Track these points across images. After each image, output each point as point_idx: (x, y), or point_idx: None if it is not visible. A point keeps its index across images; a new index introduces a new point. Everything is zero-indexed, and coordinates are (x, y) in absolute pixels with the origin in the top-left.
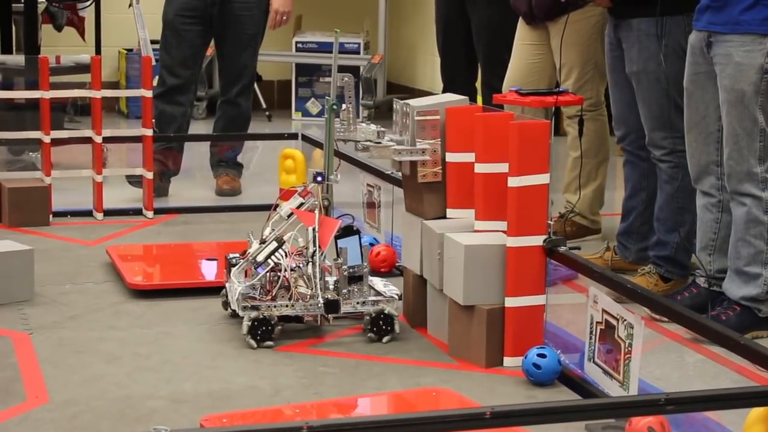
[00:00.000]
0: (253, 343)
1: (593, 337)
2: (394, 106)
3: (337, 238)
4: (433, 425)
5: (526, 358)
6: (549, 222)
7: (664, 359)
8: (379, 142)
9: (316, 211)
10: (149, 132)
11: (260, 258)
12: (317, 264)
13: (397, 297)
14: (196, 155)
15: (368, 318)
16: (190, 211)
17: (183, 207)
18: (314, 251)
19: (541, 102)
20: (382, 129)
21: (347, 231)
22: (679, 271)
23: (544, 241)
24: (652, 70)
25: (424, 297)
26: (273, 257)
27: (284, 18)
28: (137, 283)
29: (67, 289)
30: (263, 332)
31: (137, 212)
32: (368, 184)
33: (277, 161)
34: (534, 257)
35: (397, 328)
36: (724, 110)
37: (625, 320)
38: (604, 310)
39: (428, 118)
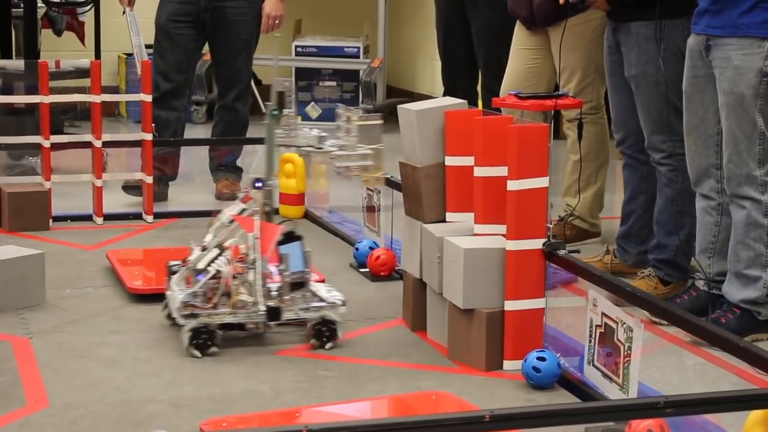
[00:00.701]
0: (196, 353)
1: (593, 340)
2: (338, 111)
3: (279, 243)
4: (433, 428)
5: (525, 361)
6: (548, 225)
7: (664, 362)
8: (320, 148)
9: (257, 218)
10: (149, 136)
11: (201, 265)
12: (258, 271)
13: (340, 303)
14: (196, 160)
15: (311, 325)
16: (190, 215)
17: (183, 211)
18: (255, 258)
19: (540, 105)
20: (324, 134)
21: (289, 237)
22: (678, 274)
23: (544, 244)
24: (651, 73)
25: (424, 301)
26: (214, 264)
27: (276, 22)
28: (137, 287)
29: (67, 293)
30: (204, 340)
31: (137, 216)
32: (368, 188)
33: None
34: (533, 260)
35: (340, 334)
36: (723, 113)
37: (624, 323)
38: (603, 314)
39: (370, 123)
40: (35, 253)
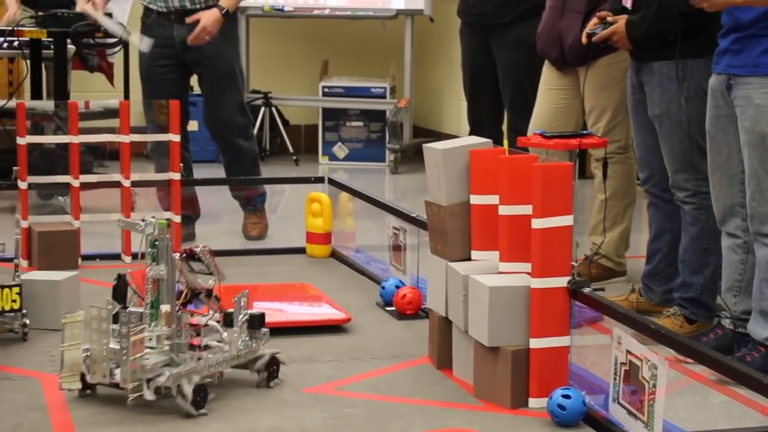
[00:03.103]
0: (202, 411)
1: (618, 378)
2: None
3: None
4: None
5: (551, 399)
6: (573, 263)
7: (689, 400)
8: None
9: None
10: (177, 176)
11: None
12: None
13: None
14: (224, 200)
15: (258, 365)
16: (217, 254)
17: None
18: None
19: (565, 145)
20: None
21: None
22: (704, 312)
23: (569, 282)
24: (674, 112)
25: (450, 339)
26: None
27: (206, 38)
28: None
29: None
30: (202, 397)
31: None
32: (394, 227)
33: (303, 205)
34: (558, 298)
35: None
36: (745, 152)
37: (649, 361)
38: (628, 351)
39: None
40: (71, 275)
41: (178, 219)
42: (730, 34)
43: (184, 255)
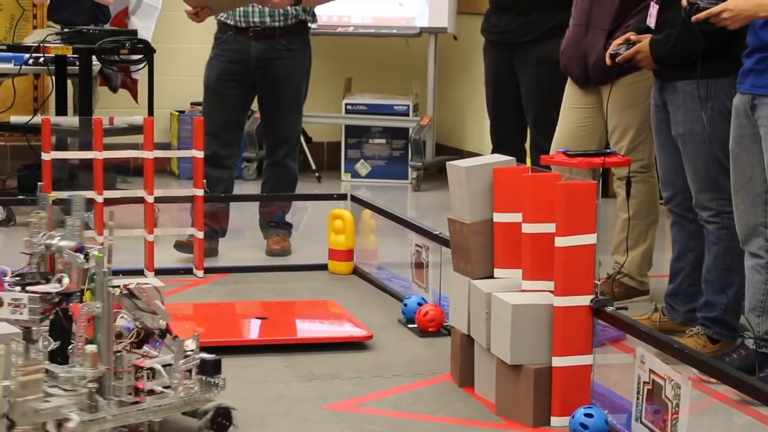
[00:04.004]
0: None
1: (640, 397)
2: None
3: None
4: None
5: (573, 417)
6: (596, 282)
7: (713, 421)
8: None
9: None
10: (200, 192)
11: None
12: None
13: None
14: (246, 216)
15: (208, 415)
16: (240, 270)
17: (233, 267)
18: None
19: (589, 163)
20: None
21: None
22: (727, 332)
23: (592, 301)
24: (697, 132)
25: (472, 356)
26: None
27: (200, 15)
28: None
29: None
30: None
31: (188, 272)
32: (417, 245)
33: (326, 222)
34: (581, 317)
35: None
36: None
37: (672, 380)
38: (651, 371)
39: None
40: (156, 284)
41: (200, 235)
42: (755, 54)
43: (126, 292)
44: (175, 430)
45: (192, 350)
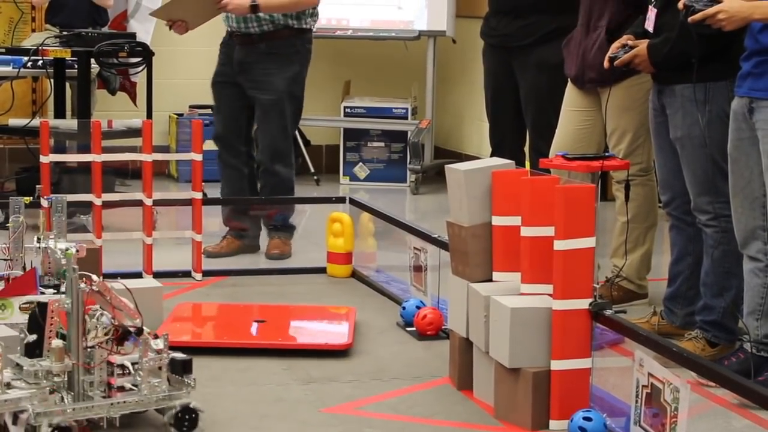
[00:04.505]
0: None
1: (639, 400)
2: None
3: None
4: None
5: (571, 421)
6: (595, 285)
7: (711, 424)
8: None
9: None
10: (199, 195)
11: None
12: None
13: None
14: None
15: (171, 413)
16: (239, 273)
17: (230, 270)
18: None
19: (587, 167)
20: None
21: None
22: (726, 335)
23: (590, 304)
24: (696, 135)
25: (470, 360)
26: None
27: (228, 7)
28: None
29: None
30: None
31: (186, 274)
32: (415, 248)
33: (324, 225)
34: (580, 320)
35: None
36: (767, 176)
37: (671, 384)
38: (650, 374)
39: None
40: (156, 286)
41: (198, 238)
42: (753, 57)
43: (97, 290)
44: (143, 426)
45: (160, 349)
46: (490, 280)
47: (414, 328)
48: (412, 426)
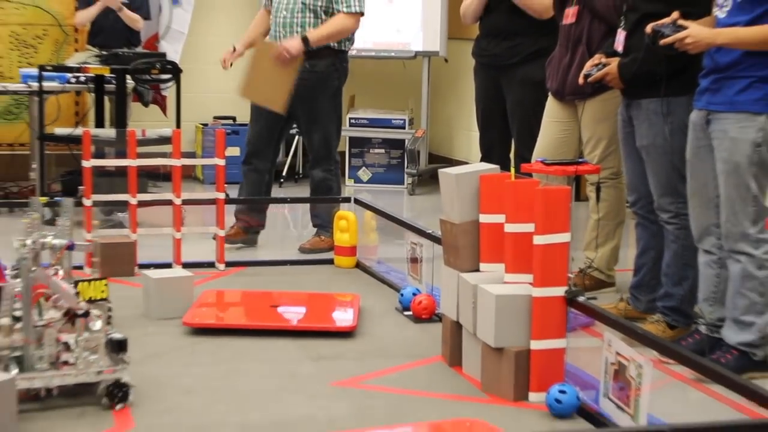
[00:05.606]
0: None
1: (607, 376)
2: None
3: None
4: None
5: (548, 393)
6: (569, 275)
7: (670, 396)
8: None
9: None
10: (222, 195)
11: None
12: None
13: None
14: (270, 216)
15: (103, 387)
16: (257, 264)
17: (251, 261)
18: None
19: (564, 171)
20: None
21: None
22: (683, 319)
23: (565, 291)
24: (659, 144)
25: (460, 340)
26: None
27: (286, 56)
28: (190, 321)
29: (150, 330)
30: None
31: (210, 265)
32: (412, 242)
33: (332, 221)
34: (556, 306)
35: (130, 396)
36: (721, 179)
37: (635, 362)
38: (617, 353)
39: None
40: (187, 275)
41: (221, 233)
42: (710, 75)
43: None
44: (84, 396)
45: (98, 329)
46: (478, 271)
47: (411, 313)
48: (408, 398)
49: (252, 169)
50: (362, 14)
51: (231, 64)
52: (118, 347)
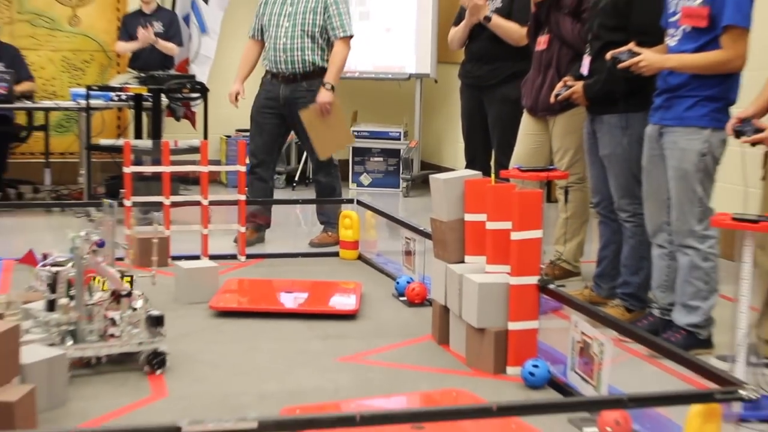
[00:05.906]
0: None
1: (574, 352)
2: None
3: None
4: (453, 415)
5: (523, 367)
6: (541, 266)
7: (628, 370)
8: None
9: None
10: (243, 197)
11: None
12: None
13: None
14: (283, 215)
15: (144, 356)
16: (273, 256)
17: (268, 253)
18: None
19: (537, 176)
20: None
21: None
22: (639, 304)
23: (538, 280)
24: (619, 153)
25: (448, 321)
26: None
27: (328, 107)
28: (215, 305)
29: (180, 313)
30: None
31: (233, 257)
32: (406, 237)
33: (338, 219)
34: (530, 292)
35: (167, 362)
36: (672, 184)
37: (598, 340)
38: (582, 333)
39: None
40: (212, 265)
41: (243, 229)
42: (663, 94)
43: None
44: (125, 363)
45: (139, 308)
46: (463, 262)
47: (405, 298)
48: (403, 371)
49: (257, 178)
50: (352, 36)
51: (237, 101)
52: (156, 322)
